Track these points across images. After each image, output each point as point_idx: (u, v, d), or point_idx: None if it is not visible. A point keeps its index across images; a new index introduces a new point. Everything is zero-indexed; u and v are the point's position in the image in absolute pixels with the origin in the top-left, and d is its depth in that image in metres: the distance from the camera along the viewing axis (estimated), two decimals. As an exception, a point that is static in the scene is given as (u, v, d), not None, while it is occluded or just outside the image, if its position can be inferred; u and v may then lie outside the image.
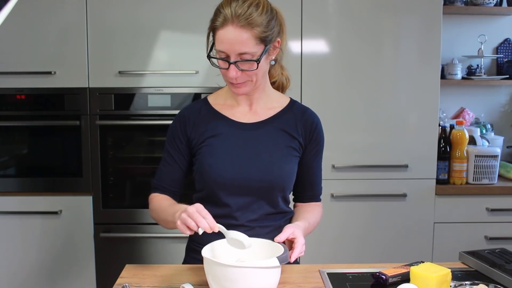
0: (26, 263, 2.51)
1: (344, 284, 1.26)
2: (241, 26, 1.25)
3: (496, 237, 2.55)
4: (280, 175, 1.39)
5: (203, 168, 1.38)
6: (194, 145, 1.41)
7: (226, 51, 1.27)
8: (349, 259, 2.48)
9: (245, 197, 1.38)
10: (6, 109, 2.47)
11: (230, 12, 1.25)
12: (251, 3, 1.26)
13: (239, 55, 1.27)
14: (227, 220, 1.38)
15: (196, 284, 1.24)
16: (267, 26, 1.28)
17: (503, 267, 1.26)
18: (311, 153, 1.46)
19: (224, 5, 1.27)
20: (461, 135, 2.59)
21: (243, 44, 1.26)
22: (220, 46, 1.28)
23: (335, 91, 2.51)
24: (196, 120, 1.42)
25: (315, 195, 1.53)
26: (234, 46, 1.26)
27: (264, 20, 1.27)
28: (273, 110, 1.44)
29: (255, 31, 1.26)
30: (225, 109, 1.44)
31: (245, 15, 1.25)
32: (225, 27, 1.26)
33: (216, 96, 1.48)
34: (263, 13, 1.27)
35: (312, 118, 1.46)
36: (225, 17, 1.25)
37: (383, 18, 2.48)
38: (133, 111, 2.47)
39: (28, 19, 2.42)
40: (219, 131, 1.40)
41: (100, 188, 2.49)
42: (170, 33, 2.44)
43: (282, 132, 1.42)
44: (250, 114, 1.43)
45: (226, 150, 1.38)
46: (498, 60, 3.01)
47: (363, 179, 2.54)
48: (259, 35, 1.27)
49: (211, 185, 1.38)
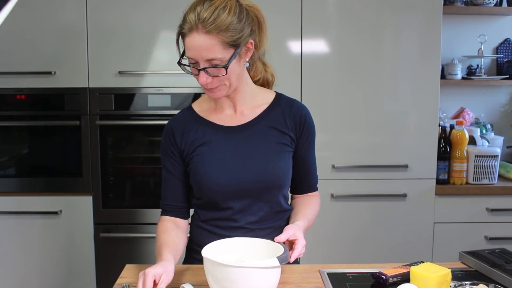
0: (26, 263, 2.51)
1: (344, 284, 1.26)
2: (206, 32, 1.21)
3: (496, 237, 2.55)
4: (275, 173, 1.37)
5: (198, 178, 1.37)
6: (186, 155, 1.40)
7: (195, 58, 1.25)
8: (349, 259, 2.48)
9: (244, 200, 1.37)
10: (6, 109, 2.47)
11: (194, 18, 1.21)
12: (216, 7, 1.22)
13: (207, 61, 1.24)
14: (227, 222, 1.39)
15: (196, 284, 1.24)
16: (235, 29, 1.23)
17: (503, 267, 1.25)
18: (304, 145, 1.43)
19: (189, 11, 1.23)
20: (461, 135, 2.59)
21: (209, 51, 1.22)
22: (188, 53, 1.26)
23: (335, 91, 2.51)
24: (184, 130, 1.40)
25: (311, 185, 1.51)
26: (201, 53, 1.23)
27: (232, 23, 1.22)
28: (259, 108, 1.41)
29: (222, 36, 1.21)
30: (210, 115, 1.42)
31: (209, 20, 1.20)
32: (191, 34, 1.23)
33: (200, 102, 1.46)
34: (230, 15, 1.22)
35: (300, 110, 1.43)
36: (190, 23, 1.22)
37: (383, 18, 2.48)
38: (133, 111, 2.47)
39: (28, 19, 2.42)
40: (208, 139, 1.38)
41: (100, 188, 2.49)
42: (170, 33, 2.44)
43: (271, 129, 1.39)
44: (236, 117, 1.41)
45: (218, 157, 1.36)
46: (498, 60, 3.01)
47: (363, 179, 2.54)
48: (226, 40, 1.22)
49: (208, 193, 1.37)
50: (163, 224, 1.41)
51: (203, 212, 1.43)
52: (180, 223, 1.43)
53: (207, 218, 1.42)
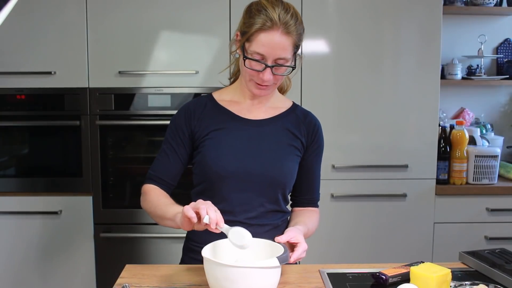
0: (26, 263, 2.51)
1: (344, 284, 1.26)
2: (285, 32, 1.28)
3: (496, 237, 2.55)
4: (281, 172, 1.40)
5: (206, 160, 1.39)
6: (197, 138, 1.42)
7: (265, 54, 1.29)
8: (349, 259, 2.48)
9: (246, 192, 1.39)
10: (6, 109, 2.47)
11: (277, 17, 1.27)
12: (292, 13, 1.31)
13: (275, 60, 1.30)
14: (225, 216, 1.38)
15: (196, 284, 1.24)
16: (300, 35, 1.34)
17: (503, 267, 1.26)
18: (312, 154, 1.48)
19: (269, 9, 1.28)
20: (461, 135, 2.59)
21: (284, 50, 1.29)
22: (260, 49, 1.29)
23: (335, 91, 2.51)
24: (201, 114, 1.43)
25: (313, 200, 1.54)
26: (276, 51, 1.29)
27: (300, 30, 1.33)
28: (277, 110, 1.47)
29: (295, 38, 1.31)
30: (231, 105, 1.46)
31: (291, 23, 1.29)
32: (271, 32, 1.28)
33: (221, 93, 1.50)
34: (300, 23, 1.33)
35: (314, 121, 1.50)
36: (272, 21, 1.27)
37: (383, 18, 2.48)
38: (133, 111, 2.47)
39: (28, 19, 2.42)
40: (224, 125, 1.42)
41: (100, 188, 2.49)
42: (170, 33, 2.44)
43: (285, 131, 1.44)
44: (255, 112, 1.45)
45: (230, 144, 1.39)
46: (498, 60, 3.01)
47: (363, 179, 2.54)
48: (296, 43, 1.32)
49: (212, 178, 1.38)
50: (156, 190, 1.42)
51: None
52: None
53: None
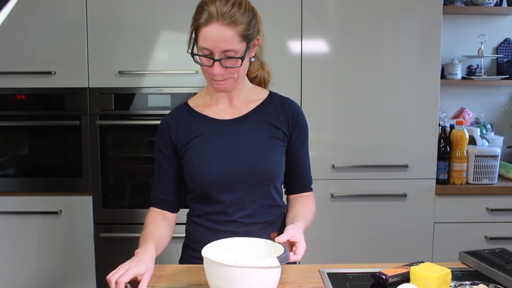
0: (26, 263, 2.51)
1: (344, 284, 1.26)
2: (226, 23, 1.26)
3: (496, 237, 2.55)
4: (267, 165, 1.40)
5: (191, 169, 1.39)
6: (180, 148, 1.43)
7: (211, 48, 1.28)
8: (349, 259, 2.48)
9: (237, 192, 1.39)
10: (6, 109, 2.47)
11: (215, 10, 1.26)
12: (234, 2, 1.28)
13: (223, 53, 1.29)
14: (220, 216, 1.41)
15: (196, 284, 1.24)
16: (249, 24, 1.30)
17: (503, 267, 1.25)
18: (297, 141, 1.47)
19: (208, 3, 1.28)
20: (461, 135, 2.59)
21: (227, 42, 1.27)
22: (204, 43, 1.29)
23: (335, 91, 2.51)
24: (179, 124, 1.44)
25: (305, 185, 1.53)
26: (219, 44, 1.27)
27: (247, 18, 1.30)
28: (253, 103, 1.46)
29: (239, 28, 1.28)
30: (205, 109, 1.45)
31: (229, 14, 1.26)
32: (210, 25, 1.27)
33: (195, 98, 1.50)
34: (245, 12, 1.30)
35: (293, 107, 1.47)
36: (210, 14, 1.26)
37: (383, 18, 2.48)
38: (133, 111, 2.47)
39: (28, 19, 2.42)
40: (202, 131, 1.41)
41: (100, 188, 2.49)
42: (170, 33, 2.44)
43: (264, 123, 1.43)
44: (231, 110, 1.45)
45: (212, 148, 1.39)
46: (498, 60, 3.01)
47: (363, 179, 2.54)
48: (243, 33, 1.29)
49: (202, 184, 1.39)
50: (153, 214, 1.46)
51: (196, 206, 1.45)
52: (168, 217, 1.47)
53: (201, 212, 1.44)
